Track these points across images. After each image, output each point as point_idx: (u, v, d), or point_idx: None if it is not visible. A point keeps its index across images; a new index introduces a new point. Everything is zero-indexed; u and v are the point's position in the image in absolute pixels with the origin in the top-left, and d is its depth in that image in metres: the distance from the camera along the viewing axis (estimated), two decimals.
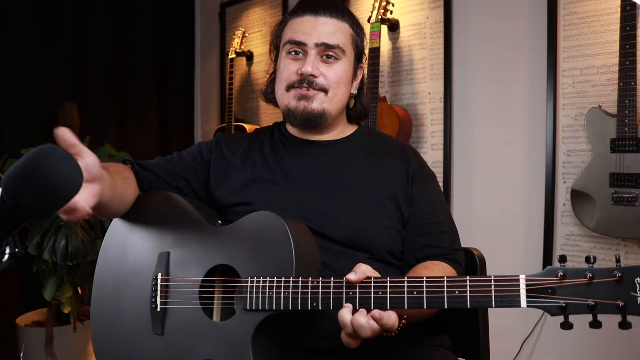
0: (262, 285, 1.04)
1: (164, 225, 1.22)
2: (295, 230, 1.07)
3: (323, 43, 1.22)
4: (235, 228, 1.13)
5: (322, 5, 1.25)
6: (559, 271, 0.86)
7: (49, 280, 2.42)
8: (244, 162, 1.29)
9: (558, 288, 0.85)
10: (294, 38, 1.24)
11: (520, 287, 0.87)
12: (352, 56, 1.29)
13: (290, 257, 1.03)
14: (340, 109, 1.29)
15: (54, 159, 0.70)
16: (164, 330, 1.15)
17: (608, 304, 0.82)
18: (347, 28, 1.27)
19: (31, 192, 0.68)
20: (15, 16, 2.84)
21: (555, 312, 0.85)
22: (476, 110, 2.43)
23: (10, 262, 0.72)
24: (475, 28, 2.42)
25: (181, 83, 3.75)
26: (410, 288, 0.94)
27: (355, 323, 0.94)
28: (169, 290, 1.16)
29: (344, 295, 0.98)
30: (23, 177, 0.68)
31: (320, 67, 1.23)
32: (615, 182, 1.84)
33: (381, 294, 0.95)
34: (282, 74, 1.26)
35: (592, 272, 0.84)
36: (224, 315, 1.14)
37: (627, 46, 1.80)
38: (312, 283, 1.00)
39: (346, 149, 1.30)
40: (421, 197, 1.24)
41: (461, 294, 0.91)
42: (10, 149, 2.51)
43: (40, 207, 0.71)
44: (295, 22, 1.26)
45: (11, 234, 0.71)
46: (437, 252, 1.21)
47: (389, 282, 0.96)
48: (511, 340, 2.27)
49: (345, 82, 1.27)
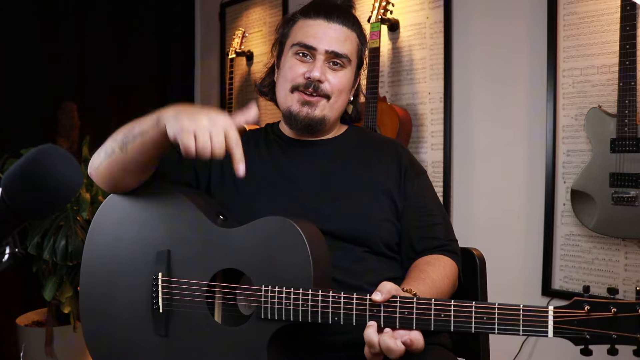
0: (277, 295, 1.03)
1: (160, 219, 1.18)
2: (310, 237, 1.04)
3: (333, 51, 1.24)
4: (246, 231, 1.10)
5: (337, 12, 1.26)
6: (585, 305, 0.89)
7: (49, 280, 2.42)
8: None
9: (584, 320, 0.89)
10: (304, 41, 1.24)
11: (548, 319, 0.90)
12: (355, 66, 1.32)
13: (309, 268, 1.01)
14: (338, 115, 1.32)
15: (54, 158, 0.70)
16: (168, 332, 1.13)
17: (629, 337, 0.87)
18: (355, 38, 1.29)
19: (31, 192, 0.68)
20: (15, 16, 2.84)
21: (579, 343, 0.89)
22: (476, 110, 2.43)
23: (10, 262, 0.72)
24: (475, 28, 2.42)
25: (181, 83, 3.74)
26: (437, 310, 0.94)
27: (384, 345, 0.94)
28: (172, 291, 1.14)
29: (368, 313, 0.97)
30: (23, 177, 0.69)
31: (327, 73, 1.25)
32: (615, 182, 1.84)
33: (407, 314, 0.95)
34: (287, 75, 1.26)
35: (616, 307, 0.87)
36: (229, 318, 1.13)
37: (627, 46, 1.80)
38: (334, 298, 0.99)
39: (339, 147, 1.32)
40: (414, 192, 1.28)
41: (489, 321, 0.92)
42: (10, 149, 2.51)
43: (40, 207, 0.71)
44: (306, 24, 1.26)
45: (11, 234, 0.72)
46: (434, 243, 1.24)
47: (416, 303, 0.95)
48: (511, 340, 2.27)
49: (346, 91, 1.30)
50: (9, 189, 0.68)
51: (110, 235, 1.23)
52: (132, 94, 3.39)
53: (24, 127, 2.81)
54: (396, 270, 1.25)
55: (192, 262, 1.13)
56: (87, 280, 1.25)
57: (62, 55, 3.01)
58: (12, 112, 2.81)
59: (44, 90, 2.93)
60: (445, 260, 1.21)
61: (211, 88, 3.74)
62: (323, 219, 1.17)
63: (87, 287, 1.25)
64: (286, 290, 1.02)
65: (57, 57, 2.99)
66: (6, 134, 2.77)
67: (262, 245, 1.07)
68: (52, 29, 2.99)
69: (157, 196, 1.22)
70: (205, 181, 1.30)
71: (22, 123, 2.82)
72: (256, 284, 1.05)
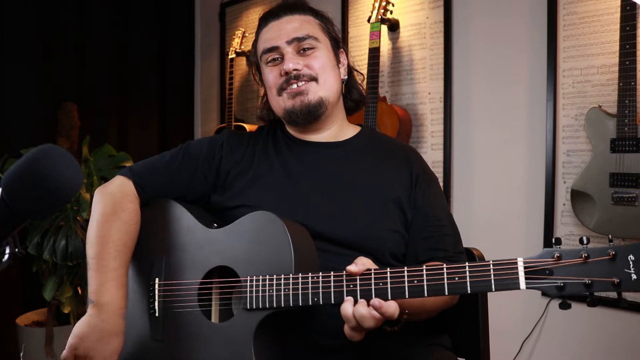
0: (261, 284, 1.04)
1: (159, 230, 1.21)
2: (293, 229, 1.07)
3: (294, 38, 1.24)
4: (232, 229, 1.12)
5: (282, 8, 1.28)
6: (555, 252, 0.88)
7: (49, 280, 2.42)
8: (247, 163, 1.27)
9: (555, 269, 0.88)
10: (266, 46, 1.27)
11: (518, 269, 0.89)
12: (328, 43, 1.30)
13: (289, 254, 1.03)
14: (335, 94, 1.29)
15: (54, 158, 0.70)
16: (164, 336, 1.15)
17: (604, 282, 0.84)
18: (312, 19, 1.30)
19: (31, 192, 0.68)
20: (16, 16, 2.84)
21: (554, 293, 0.88)
22: (476, 110, 2.43)
23: (10, 262, 0.72)
24: (475, 28, 2.42)
25: (181, 83, 3.75)
26: (410, 277, 0.95)
27: (357, 314, 0.95)
28: (168, 295, 1.16)
29: (345, 289, 0.98)
30: (23, 177, 0.68)
31: (301, 61, 1.24)
32: (615, 182, 1.84)
33: (382, 285, 0.96)
34: (269, 83, 1.28)
35: (587, 252, 0.86)
36: (224, 317, 1.14)
37: (627, 46, 1.80)
38: (312, 278, 1.01)
39: (349, 151, 1.29)
40: (424, 201, 1.24)
41: (461, 280, 0.92)
42: (10, 149, 2.51)
43: (40, 207, 0.71)
44: (263, 33, 1.30)
45: (11, 234, 0.71)
46: (440, 255, 1.21)
47: (389, 272, 0.96)
48: (511, 340, 2.27)
49: (331, 66, 1.28)
50: (9, 189, 0.68)
51: None
52: (132, 94, 3.39)
53: (24, 127, 2.81)
54: None
55: (186, 265, 1.15)
56: None
57: (62, 56, 3.01)
58: (12, 112, 2.81)
59: (44, 90, 2.93)
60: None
61: (211, 88, 3.74)
62: (330, 226, 1.16)
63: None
64: (268, 278, 1.03)
65: (57, 57, 2.99)
66: (6, 134, 2.77)
67: (246, 239, 1.09)
68: (52, 29, 2.99)
69: (155, 206, 1.25)
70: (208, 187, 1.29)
71: (22, 123, 2.82)
72: (242, 276, 1.07)
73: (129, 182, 1.26)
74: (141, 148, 3.35)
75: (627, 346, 2.00)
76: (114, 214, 1.19)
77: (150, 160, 1.31)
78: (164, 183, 1.27)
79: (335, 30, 1.34)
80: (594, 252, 0.86)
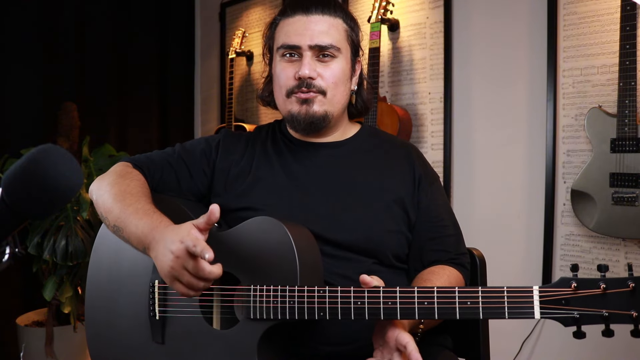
0: (266, 294, 1.01)
1: None
2: (298, 237, 1.04)
3: (317, 45, 1.19)
4: (235, 234, 1.10)
5: (314, 3, 1.22)
6: (572, 282, 0.85)
7: (49, 280, 2.41)
8: (247, 165, 1.27)
9: (572, 299, 0.85)
10: (287, 42, 1.21)
11: (533, 298, 0.86)
12: (349, 52, 1.26)
13: (295, 266, 1.01)
14: (341, 109, 1.27)
15: (54, 158, 0.70)
16: (164, 339, 1.14)
17: (622, 315, 0.82)
18: (341, 24, 1.23)
19: (31, 192, 0.68)
20: (16, 16, 2.84)
21: (569, 323, 0.85)
22: (476, 110, 2.43)
23: (10, 262, 0.72)
24: (475, 28, 2.42)
25: (181, 83, 3.74)
26: (420, 298, 0.92)
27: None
28: (168, 297, 1.14)
29: (352, 305, 0.96)
30: (23, 177, 0.68)
31: (318, 68, 1.20)
32: (615, 182, 1.84)
33: (391, 304, 0.94)
34: (279, 80, 1.24)
35: (606, 283, 0.83)
36: (224, 323, 1.13)
37: (627, 46, 1.80)
38: (319, 292, 0.98)
39: (350, 151, 1.28)
40: (427, 201, 1.24)
41: (473, 305, 0.89)
42: (10, 149, 2.51)
43: (40, 207, 0.71)
44: (286, 24, 1.23)
45: (11, 234, 0.71)
46: (443, 256, 1.20)
47: (399, 291, 0.94)
48: (511, 340, 2.27)
49: (343, 81, 1.24)
50: (9, 189, 0.68)
51: (113, 248, 1.24)
52: (132, 94, 3.39)
53: (24, 127, 2.81)
54: (404, 282, 1.22)
55: None
56: (92, 292, 1.26)
57: (62, 55, 3.01)
58: (13, 112, 2.81)
59: (44, 90, 2.92)
60: (450, 271, 1.18)
61: (211, 88, 3.74)
62: (332, 229, 1.15)
63: (91, 298, 1.26)
64: (273, 288, 1.01)
65: (57, 57, 2.99)
66: (6, 134, 2.77)
67: (250, 245, 1.06)
68: (52, 29, 2.98)
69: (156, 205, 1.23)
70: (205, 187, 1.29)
71: (22, 123, 2.82)
72: (245, 284, 1.05)
73: (127, 164, 1.25)
74: (141, 148, 3.35)
75: (627, 346, 2.00)
76: (123, 177, 1.17)
77: (147, 154, 1.31)
78: (163, 167, 1.27)
79: (360, 36, 1.30)
80: (612, 284, 0.83)
